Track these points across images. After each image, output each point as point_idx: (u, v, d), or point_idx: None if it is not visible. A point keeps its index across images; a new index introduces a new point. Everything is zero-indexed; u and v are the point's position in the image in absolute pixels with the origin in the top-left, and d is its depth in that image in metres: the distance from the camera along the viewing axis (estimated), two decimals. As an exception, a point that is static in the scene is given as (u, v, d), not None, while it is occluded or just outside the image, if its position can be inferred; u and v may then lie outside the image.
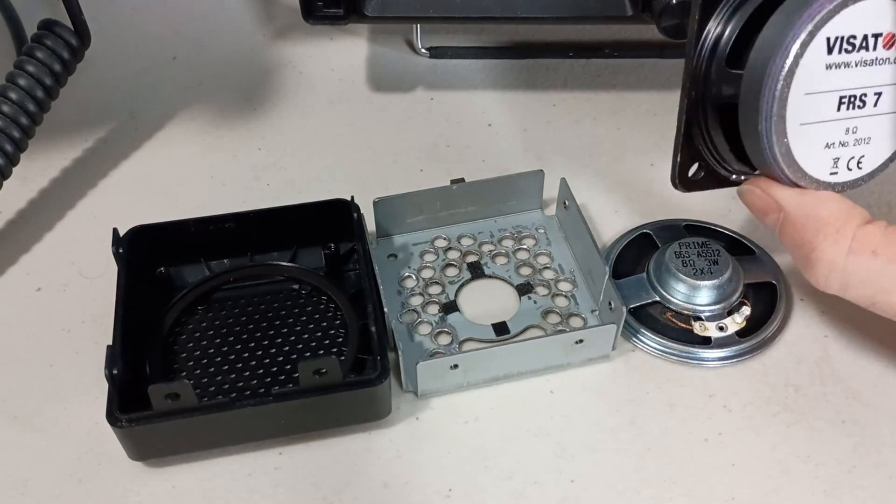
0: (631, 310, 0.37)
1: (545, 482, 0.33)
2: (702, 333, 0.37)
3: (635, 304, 0.38)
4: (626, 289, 0.38)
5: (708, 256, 0.38)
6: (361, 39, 0.55)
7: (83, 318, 0.39)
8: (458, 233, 0.42)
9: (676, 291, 0.37)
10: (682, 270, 0.37)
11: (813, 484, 0.32)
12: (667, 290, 0.37)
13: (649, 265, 0.39)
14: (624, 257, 0.40)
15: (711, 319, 0.37)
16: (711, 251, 0.38)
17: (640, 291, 0.38)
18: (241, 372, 0.36)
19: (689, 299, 0.37)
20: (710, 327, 0.37)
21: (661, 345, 0.37)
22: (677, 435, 0.34)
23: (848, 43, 0.29)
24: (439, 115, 0.49)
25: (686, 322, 0.37)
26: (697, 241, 0.38)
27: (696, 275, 0.37)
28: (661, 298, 0.38)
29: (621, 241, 0.41)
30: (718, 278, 0.37)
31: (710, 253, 0.38)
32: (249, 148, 0.48)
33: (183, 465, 0.33)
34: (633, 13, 0.44)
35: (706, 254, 0.38)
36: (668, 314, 0.38)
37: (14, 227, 0.43)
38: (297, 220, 0.39)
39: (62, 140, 0.48)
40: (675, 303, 0.37)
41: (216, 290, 0.39)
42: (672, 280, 0.37)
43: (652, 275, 0.38)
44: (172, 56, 0.54)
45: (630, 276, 0.39)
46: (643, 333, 0.37)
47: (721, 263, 0.37)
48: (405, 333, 0.37)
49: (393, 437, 0.34)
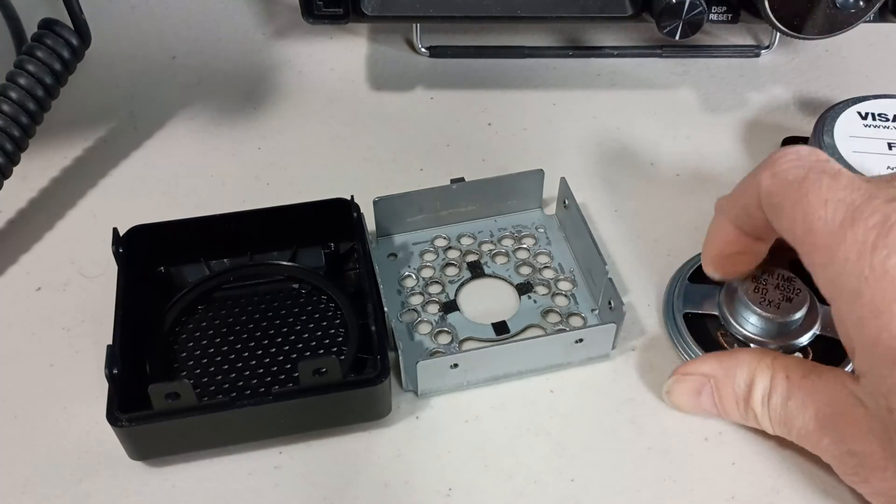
0: (688, 315, 0.37)
1: (545, 481, 0.33)
2: None
3: (693, 311, 0.37)
4: (694, 294, 0.37)
5: (786, 291, 0.35)
6: (361, 38, 0.55)
7: (83, 318, 0.39)
8: (457, 232, 0.42)
9: (738, 314, 0.35)
10: (749, 296, 0.35)
11: (813, 483, 0.32)
12: (729, 307, 0.36)
13: (722, 286, 0.37)
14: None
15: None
16: (793, 288, 0.35)
17: (705, 300, 0.37)
18: (241, 371, 0.36)
19: (745, 325, 0.35)
20: None
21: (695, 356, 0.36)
22: (677, 434, 0.34)
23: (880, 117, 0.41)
24: (439, 114, 0.49)
25: (732, 345, 0.36)
26: (784, 274, 0.35)
27: (761, 304, 0.35)
28: (721, 315, 0.36)
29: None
30: (784, 317, 0.34)
31: (791, 289, 0.35)
32: (249, 147, 0.48)
33: (183, 464, 0.33)
34: (633, 13, 0.44)
35: (785, 288, 0.35)
36: (720, 331, 0.36)
37: (14, 226, 0.43)
38: (297, 220, 0.39)
39: (62, 139, 0.48)
40: (732, 324, 0.35)
41: (216, 289, 0.39)
42: (739, 302, 0.35)
43: (723, 290, 0.36)
44: (172, 55, 0.54)
45: (705, 284, 0.37)
46: (687, 342, 0.36)
47: (796, 303, 0.34)
48: (405, 333, 0.37)
49: (393, 436, 0.34)
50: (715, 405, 0.33)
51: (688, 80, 0.51)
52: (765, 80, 0.51)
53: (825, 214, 0.28)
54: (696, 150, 0.47)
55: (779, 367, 0.31)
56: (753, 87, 0.50)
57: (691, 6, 0.42)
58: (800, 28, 0.42)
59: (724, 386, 0.33)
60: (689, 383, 0.33)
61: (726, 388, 0.33)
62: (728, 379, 0.32)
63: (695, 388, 0.33)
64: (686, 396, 0.34)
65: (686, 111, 0.49)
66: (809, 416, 0.30)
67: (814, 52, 0.52)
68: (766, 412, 0.32)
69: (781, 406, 0.31)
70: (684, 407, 0.34)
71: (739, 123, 0.48)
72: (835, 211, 0.27)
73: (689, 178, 0.45)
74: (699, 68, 0.52)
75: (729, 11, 0.45)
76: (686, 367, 0.34)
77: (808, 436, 0.31)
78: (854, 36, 0.44)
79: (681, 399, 0.34)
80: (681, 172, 0.45)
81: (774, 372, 0.31)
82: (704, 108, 0.49)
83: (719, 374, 0.33)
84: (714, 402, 0.33)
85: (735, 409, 0.33)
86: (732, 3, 0.44)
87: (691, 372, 0.34)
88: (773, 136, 0.47)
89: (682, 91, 0.51)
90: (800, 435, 0.31)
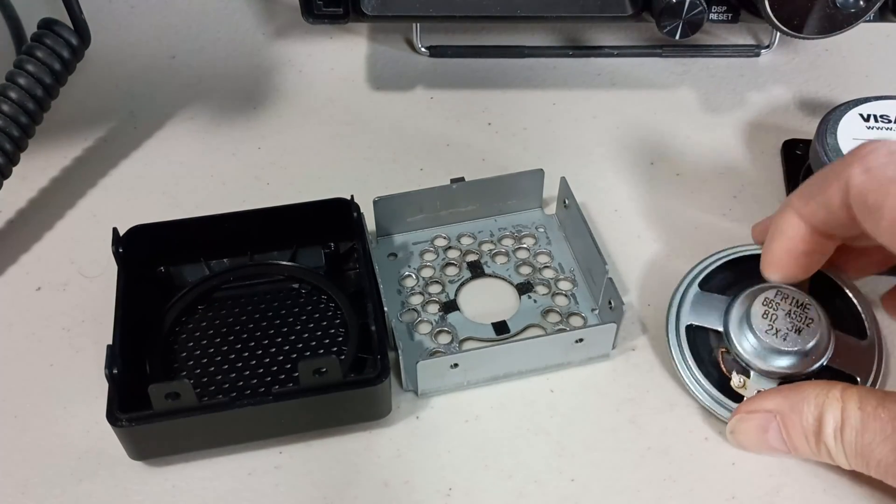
0: (691, 326, 0.36)
1: (545, 481, 0.33)
2: (737, 388, 0.34)
3: (697, 324, 0.36)
4: (702, 304, 0.36)
5: (797, 320, 0.33)
6: (361, 38, 0.55)
7: (83, 318, 0.39)
8: (458, 232, 0.42)
9: (742, 337, 0.34)
10: (756, 322, 0.33)
11: (813, 482, 0.32)
12: (734, 328, 0.34)
13: (737, 296, 0.35)
14: (725, 270, 0.37)
15: (758, 379, 0.34)
16: (805, 317, 0.33)
17: (712, 314, 0.35)
18: (241, 371, 0.36)
19: (747, 350, 0.34)
20: (751, 388, 0.34)
21: (690, 374, 0.35)
22: (677, 434, 0.34)
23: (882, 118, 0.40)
24: (439, 114, 0.49)
25: (732, 368, 0.34)
26: (799, 300, 0.33)
27: (768, 332, 0.33)
28: (725, 334, 0.35)
29: (736, 251, 0.38)
30: (791, 349, 0.33)
31: (803, 318, 0.33)
32: (249, 147, 0.48)
33: (183, 464, 0.33)
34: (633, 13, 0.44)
35: (797, 316, 0.33)
36: (721, 349, 0.35)
37: (14, 226, 0.43)
38: (297, 220, 0.39)
39: (62, 139, 0.48)
40: (735, 346, 0.34)
41: (216, 289, 0.39)
42: (744, 325, 0.34)
43: (732, 307, 0.35)
44: (172, 55, 0.54)
45: (715, 294, 0.36)
46: (684, 353, 0.35)
47: (806, 335, 0.33)
48: (405, 332, 0.37)
49: (393, 436, 0.34)
50: (784, 442, 0.31)
51: (688, 80, 0.51)
52: (765, 79, 0.51)
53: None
54: (696, 150, 0.47)
55: (849, 397, 0.30)
56: (753, 87, 0.50)
57: (691, 6, 0.42)
58: (800, 28, 0.42)
59: (791, 422, 0.31)
60: (755, 421, 0.32)
61: (794, 425, 0.31)
62: (795, 415, 0.31)
63: (761, 427, 0.32)
64: (752, 435, 0.32)
65: (686, 111, 0.49)
66: (889, 448, 0.28)
67: (814, 52, 0.52)
68: (840, 447, 0.30)
69: (857, 439, 0.29)
70: (751, 447, 0.32)
71: (739, 123, 0.48)
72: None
73: (689, 178, 0.45)
74: (699, 68, 0.52)
75: (729, 11, 0.45)
76: (749, 404, 0.32)
77: (888, 468, 0.29)
78: (854, 36, 0.44)
79: (747, 438, 0.32)
80: (681, 172, 0.45)
81: (845, 404, 0.30)
82: (704, 108, 0.49)
83: (785, 409, 0.31)
84: (783, 440, 0.31)
85: (805, 446, 0.31)
86: (732, 3, 0.44)
87: (755, 409, 0.32)
88: (772, 135, 0.47)
89: (682, 91, 0.51)
90: (879, 468, 0.29)
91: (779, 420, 0.31)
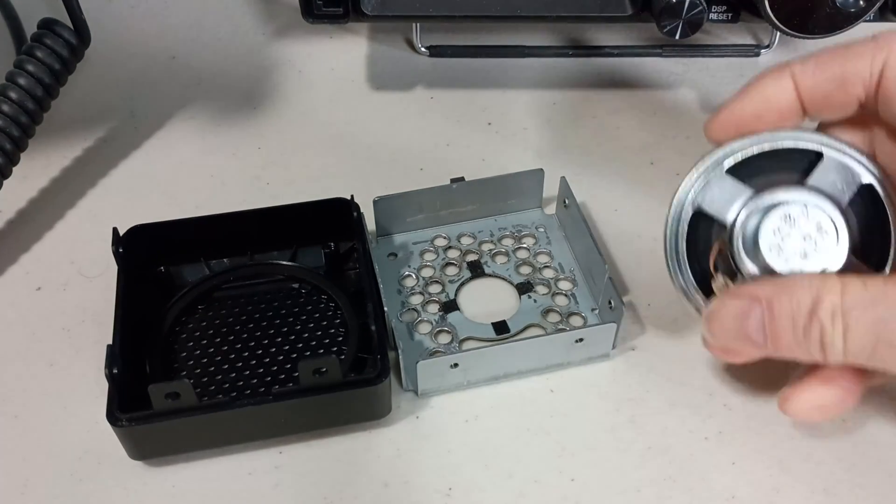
0: (699, 209, 0.32)
1: (545, 481, 0.33)
2: (717, 289, 0.31)
3: (707, 211, 0.32)
4: (720, 188, 0.31)
5: (811, 247, 0.29)
6: (361, 38, 0.55)
7: (83, 318, 0.39)
8: (457, 232, 0.42)
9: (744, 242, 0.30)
10: (765, 236, 0.30)
11: (813, 482, 0.32)
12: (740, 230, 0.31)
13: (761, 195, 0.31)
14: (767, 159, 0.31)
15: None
16: (821, 245, 0.29)
17: (727, 203, 0.31)
18: (241, 371, 0.36)
19: (743, 257, 0.30)
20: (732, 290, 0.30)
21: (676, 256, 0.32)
22: (677, 433, 0.34)
23: None
24: (439, 114, 0.49)
25: (720, 267, 0.31)
26: (823, 225, 0.29)
27: (772, 249, 0.30)
28: (730, 229, 0.31)
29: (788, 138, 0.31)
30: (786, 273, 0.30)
31: (817, 246, 0.29)
32: (249, 147, 0.48)
33: (183, 464, 0.33)
34: (633, 13, 0.44)
35: (813, 243, 0.30)
36: (717, 244, 0.31)
37: (14, 226, 0.43)
38: (297, 219, 0.39)
39: (62, 139, 0.48)
40: (735, 247, 0.30)
41: (216, 289, 0.39)
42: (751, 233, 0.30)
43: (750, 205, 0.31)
44: (172, 55, 0.54)
45: (742, 182, 0.31)
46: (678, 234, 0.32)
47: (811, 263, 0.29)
48: (405, 332, 0.37)
49: (393, 436, 0.34)
50: (763, 331, 0.28)
51: (688, 80, 0.51)
52: (765, 79, 0.51)
53: None
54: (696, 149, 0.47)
55: (850, 279, 0.27)
56: (753, 87, 0.50)
57: (691, 5, 0.42)
58: (800, 27, 0.42)
59: (779, 306, 0.28)
60: (736, 305, 0.29)
61: (782, 308, 0.27)
62: (785, 296, 0.28)
63: (742, 312, 0.28)
64: (730, 321, 0.29)
65: (686, 111, 0.49)
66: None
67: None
68: (838, 326, 0.26)
69: (865, 315, 0.26)
70: (724, 337, 0.29)
71: (739, 123, 0.48)
72: None
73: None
74: (699, 68, 0.52)
75: (729, 11, 0.45)
76: (734, 290, 0.30)
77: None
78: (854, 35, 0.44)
79: (722, 326, 0.29)
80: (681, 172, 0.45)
81: (846, 286, 0.27)
82: (704, 108, 0.49)
83: (774, 294, 0.28)
84: (762, 328, 0.28)
85: (790, 332, 0.27)
86: (732, 3, 0.44)
87: (740, 294, 0.29)
88: (773, 135, 0.47)
89: (682, 91, 0.51)
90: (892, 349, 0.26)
91: (764, 306, 0.28)
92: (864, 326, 0.26)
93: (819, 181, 0.31)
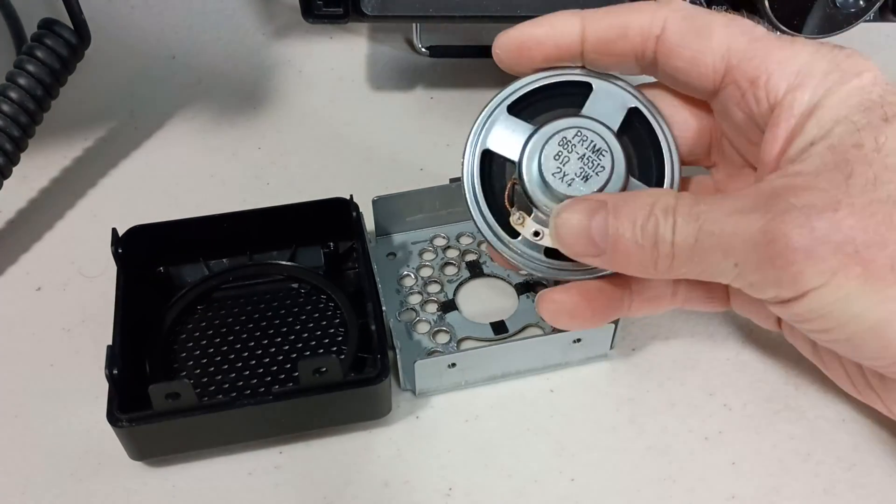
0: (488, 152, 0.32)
1: (545, 481, 0.33)
2: (515, 224, 0.32)
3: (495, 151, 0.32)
4: (507, 128, 0.32)
5: (589, 167, 0.31)
6: (361, 38, 0.55)
7: (83, 318, 0.39)
8: (457, 231, 0.42)
9: (531, 174, 0.31)
10: (547, 163, 0.31)
11: (813, 482, 0.32)
12: (526, 163, 0.31)
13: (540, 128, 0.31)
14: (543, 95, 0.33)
15: (539, 221, 0.31)
16: (598, 165, 0.31)
17: (513, 142, 0.32)
18: (241, 371, 0.36)
19: (532, 188, 0.31)
20: (529, 225, 0.31)
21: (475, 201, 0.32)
22: (677, 433, 0.34)
23: None
24: (439, 114, 0.49)
25: (515, 203, 0.32)
26: (597, 145, 0.31)
27: (556, 175, 0.31)
28: (518, 165, 0.31)
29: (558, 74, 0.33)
30: (572, 195, 0.31)
31: (595, 165, 0.31)
32: (249, 147, 0.48)
33: (183, 464, 0.33)
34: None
35: (591, 163, 0.31)
36: (512, 182, 0.32)
37: (14, 226, 0.43)
38: (297, 219, 0.39)
39: (62, 139, 0.48)
40: (524, 181, 0.31)
41: (216, 289, 0.39)
42: (534, 163, 0.31)
43: (532, 139, 0.31)
44: (172, 55, 0.54)
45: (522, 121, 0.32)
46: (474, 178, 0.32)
47: (592, 183, 0.31)
48: (403, 332, 0.37)
49: (393, 435, 0.34)
50: (606, 230, 0.29)
51: (688, 80, 0.51)
52: (765, 79, 0.51)
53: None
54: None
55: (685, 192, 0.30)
56: (753, 87, 0.50)
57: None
58: (800, 27, 0.42)
59: (623, 207, 0.29)
60: (585, 205, 0.30)
61: (625, 209, 0.29)
62: (629, 200, 0.29)
63: (589, 210, 0.29)
64: (575, 222, 0.30)
65: (686, 110, 0.49)
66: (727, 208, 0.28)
67: (814, 52, 0.52)
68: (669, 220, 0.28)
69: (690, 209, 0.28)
70: (569, 238, 0.30)
71: (739, 123, 0.48)
72: None
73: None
74: (699, 68, 0.52)
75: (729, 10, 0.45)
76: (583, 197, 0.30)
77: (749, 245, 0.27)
78: (854, 36, 0.44)
79: (567, 227, 0.30)
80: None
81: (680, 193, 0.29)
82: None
83: (619, 198, 0.30)
84: (605, 227, 0.29)
85: (629, 231, 0.29)
86: (732, 2, 0.44)
87: (588, 198, 0.30)
88: (772, 135, 0.47)
89: (681, 90, 0.50)
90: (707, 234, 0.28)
91: (609, 208, 0.29)
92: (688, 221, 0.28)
93: (592, 110, 0.32)
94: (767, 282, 0.27)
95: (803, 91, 0.29)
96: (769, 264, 0.27)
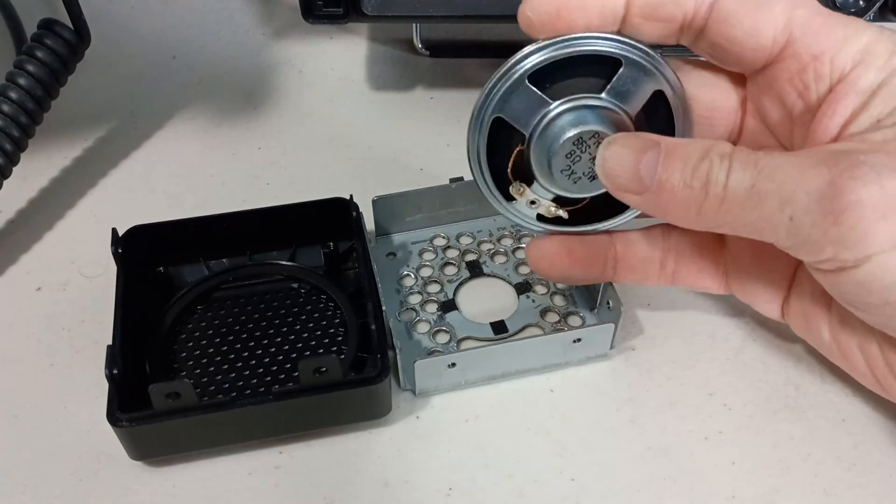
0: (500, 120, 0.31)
1: (545, 481, 0.33)
2: (514, 194, 0.32)
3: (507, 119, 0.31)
4: (520, 97, 0.30)
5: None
6: (361, 38, 0.55)
7: (83, 318, 0.39)
8: (456, 231, 0.42)
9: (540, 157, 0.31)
10: (557, 159, 0.30)
11: (813, 482, 0.32)
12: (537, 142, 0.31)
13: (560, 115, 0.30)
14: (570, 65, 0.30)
15: (538, 192, 0.32)
16: None
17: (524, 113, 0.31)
18: (241, 371, 0.36)
19: (541, 175, 0.31)
20: (527, 195, 0.32)
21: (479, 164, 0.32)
22: (677, 433, 0.34)
23: None
24: (439, 114, 0.49)
25: (516, 174, 0.32)
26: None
27: (564, 172, 0.31)
28: (527, 142, 0.31)
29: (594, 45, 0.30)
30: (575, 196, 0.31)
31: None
32: (249, 147, 0.48)
33: (183, 464, 0.33)
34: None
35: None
36: (517, 151, 0.31)
37: (14, 226, 0.43)
38: (297, 219, 0.39)
39: (62, 139, 0.48)
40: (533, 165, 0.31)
41: (216, 289, 0.39)
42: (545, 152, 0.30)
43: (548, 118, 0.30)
44: (172, 55, 0.54)
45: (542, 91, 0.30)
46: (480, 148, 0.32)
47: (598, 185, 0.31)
48: (403, 332, 0.37)
49: (393, 435, 0.34)
50: (655, 168, 0.28)
51: (688, 80, 0.51)
52: (765, 79, 0.51)
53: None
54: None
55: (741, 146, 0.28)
56: (753, 87, 0.50)
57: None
58: (799, 27, 0.42)
59: (678, 146, 0.28)
60: (638, 142, 0.29)
61: (679, 150, 0.28)
62: (685, 142, 0.29)
63: (641, 147, 0.28)
64: (627, 156, 0.29)
65: (686, 110, 0.49)
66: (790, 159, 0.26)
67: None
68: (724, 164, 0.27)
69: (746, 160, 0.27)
70: (617, 171, 0.29)
71: (739, 123, 0.48)
72: None
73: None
74: (699, 68, 0.52)
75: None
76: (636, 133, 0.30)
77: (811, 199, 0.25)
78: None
79: (618, 160, 0.29)
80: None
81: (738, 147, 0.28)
82: (704, 108, 0.49)
83: (674, 141, 0.29)
84: (655, 165, 0.28)
85: (678, 171, 0.28)
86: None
87: (642, 136, 0.29)
88: (772, 135, 0.47)
89: (681, 90, 0.50)
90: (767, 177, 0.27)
91: (662, 147, 0.28)
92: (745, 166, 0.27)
93: (616, 89, 0.30)
94: (827, 240, 0.25)
95: (867, 69, 0.28)
96: (832, 220, 0.25)
